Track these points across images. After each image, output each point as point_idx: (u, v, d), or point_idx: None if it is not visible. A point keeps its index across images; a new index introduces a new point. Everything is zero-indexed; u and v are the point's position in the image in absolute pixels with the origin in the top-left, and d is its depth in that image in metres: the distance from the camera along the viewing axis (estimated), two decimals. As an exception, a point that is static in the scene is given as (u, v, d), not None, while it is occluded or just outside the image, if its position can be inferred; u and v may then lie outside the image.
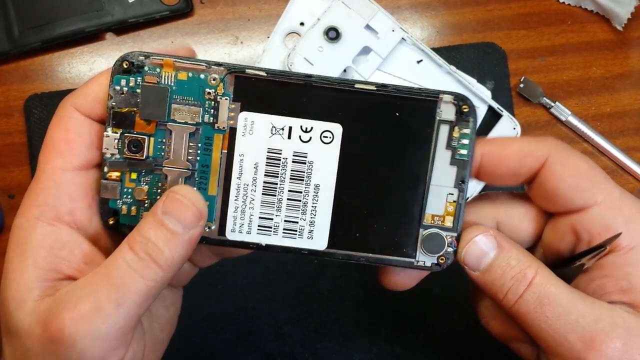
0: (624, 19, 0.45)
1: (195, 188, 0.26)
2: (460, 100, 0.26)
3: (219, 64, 0.25)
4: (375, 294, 0.41)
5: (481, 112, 0.43)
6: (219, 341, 0.41)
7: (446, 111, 0.26)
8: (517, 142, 0.26)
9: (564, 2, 0.46)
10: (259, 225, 0.26)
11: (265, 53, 0.43)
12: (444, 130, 0.26)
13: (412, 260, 0.26)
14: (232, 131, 0.26)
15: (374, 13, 0.42)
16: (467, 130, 0.26)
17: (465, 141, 0.26)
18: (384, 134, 0.26)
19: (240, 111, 0.25)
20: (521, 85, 0.44)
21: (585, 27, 0.46)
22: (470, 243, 0.25)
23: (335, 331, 0.41)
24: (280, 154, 0.26)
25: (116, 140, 0.25)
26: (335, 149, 0.26)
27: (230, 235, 0.26)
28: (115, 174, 0.26)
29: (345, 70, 0.42)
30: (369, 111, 0.26)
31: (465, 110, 0.26)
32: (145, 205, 0.26)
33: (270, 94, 0.25)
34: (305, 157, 0.26)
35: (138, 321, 0.24)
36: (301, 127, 0.26)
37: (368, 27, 0.42)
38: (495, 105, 0.43)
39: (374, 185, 0.26)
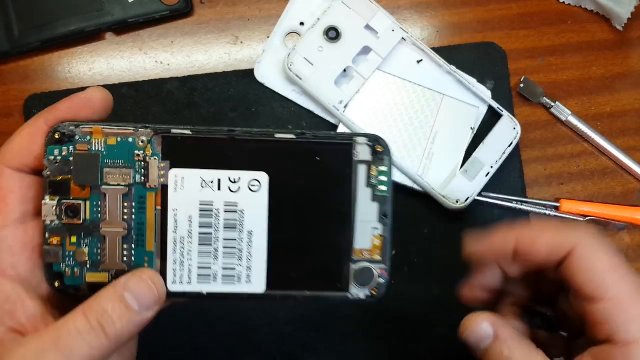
0: (624, 19, 0.45)
1: (155, 271, 0.27)
2: (374, 141, 0.27)
3: (145, 127, 0.27)
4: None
5: (481, 112, 0.43)
6: (219, 341, 0.41)
7: (362, 152, 0.27)
8: (549, 232, 0.28)
9: (564, 2, 0.46)
10: (198, 275, 0.27)
11: (265, 53, 0.43)
12: (362, 170, 0.27)
13: (347, 294, 0.28)
14: (164, 188, 0.27)
15: (374, 13, 0.42)
16: (383, 168, 0.28)
17: (383, 178, 0.28)
18: (309, 178, 0.27)
19: (170, 168, 0.27)
20: (521, 85, 0.44)
21: (586, 27, 0.46)
22: (473, 328, 0.28)
23: (335, 331, 0.41)
24: (212, 205, 0.27)
25: (54, 207, 0.26)
26: (263, 196, 0.27)
27: (172, 287, 0.27)
28: (56, 240, 0.26)
29: (345, 70, 0.42)
30: (292, 158, 0.27)
31: (379, 150, 0.27)
32: (88, 266, 0.27)
33: (197, 149, 0.27)
34: (236, 206, 0.27)
35: None
36: (229, 178, 0.27)
37: (368, 27, 0.42)
38: (495, 105, 0.42)
39: (305, 226, 0.28)
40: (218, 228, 0.27)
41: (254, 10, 0.45)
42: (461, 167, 0.42)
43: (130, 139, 0.27)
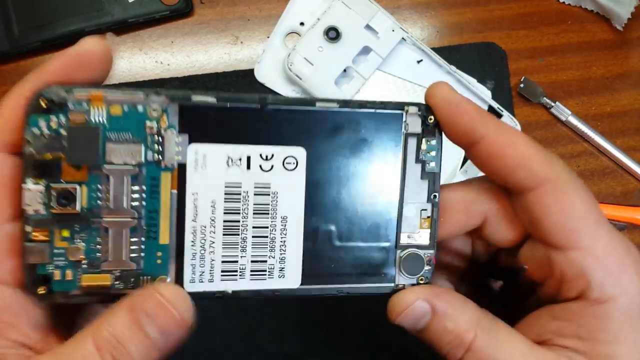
0: (624, 19, 0.45)
1: (177, 287, 0.22)
2: (425, 111, 0.24)
3: (158, 92, 0.22)
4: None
5: (481, 112, 0.43)
6: (219, 341, 0.41)
7: (413, 123, 0.24)
8: (522, 142, 0.23)
9: (564, 2, 0.46)
10: (222, 271, 0.23)
11: (266, 53, 0.43)
12: (412, 143, 0.24)
13: (392, 284, 0.25)
14: (182, 167, 0.22)
15: (374, 13, 0.42)
16: (434, 142, 0.24)
17: (434, 153, 0.25)
18: (351, 153, 0.24)
19: (189, 143, 0.22)
20: (521, 85, 0.44)
21: (586, 27, 0.46)
22: (407, 310, 0.24)
23: (335, 331, 0.41)
24: (240, 187, 0.23)
25: (40, 194, 0.21)
26: (300, 175, 0.23)
27: (189, 287, 0.23)
28: (41, 234, 0.21)
29: (345, 70, 0.42)
30: (333, 130, 0.24)
31: (431, 120, 0.24)
32: (84, 266, 0.22)
33: (222, 121, 0.23)
34: (269, 187, 0.23)
35: None
36: (261, 155, 0.23)
37: (368, 27, 0.42)
38: (495, 105, 0.42)
39: (345, 209, 0.24)
40: (247, 214, 0.23)
41: (254, 10, 0.45)
42: (461, 167, 0.42)
43: (140, 108, 0.22)
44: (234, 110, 0.23)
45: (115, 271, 0.22)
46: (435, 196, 0.25)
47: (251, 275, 0.23)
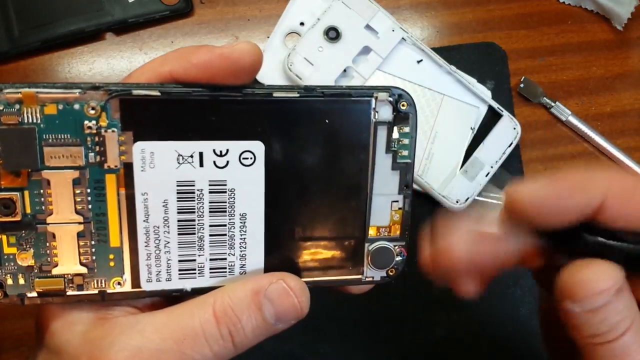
0: (624, 19, 0.45)
1: (300, 280, 0.22)
2: (397, 97, 0.22)
3: (95, 87, 0.20)
4: (375, 294, 0.41)
5: (481, 112, 0.43)
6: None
7: (382, 111, 0.22)
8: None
9: (564, 2, 0.46)
10: (179, 269, 0.23)
11: (266, 53, 0.43)
12: (381, 132, 0.23)
13: (360, 277, 0.24)
14: (128, 167, 0.21)
15: (374, 13, 0.42)
16: (407, 129, 0.23)
17: (406, 141, 0.23)
18: (315, 145, 0.22)
19: (134, 142, 0.21)
20: (521, 85, 0.44)
21: (586, 27, 0.46)
22: (592, 277, 0.20)
23: (335, 331, 0.41)
24: (194, 185, 0.22)
25: None
26: (258, 170, 0.22)
27: (146, 286, 0.22)
28: None
29: (345, 71, 0.42)
30: (294, 122, 0.22)
31: (403, 107, 0.22)
32: (35, 270, 0.21)
33: (169, 116, 0.21)
34: (225, 184, 0.22)
35: None
36: (214, 151, 0.22)
37: (368, 27, 0.42)
38: (495, 105, 0.42)
39: (310, 203, 0.23)
40: (202, 212, 0.22)
41: (254, 10, 0.45)
42: (461, 167, 0.42)
43: (77, 106, 0.20)
44: (182, 103, 0.21)
45: (67, 276, 0.22)
46: (407, 186, 0.23)
47: (211, 272, 0.23)
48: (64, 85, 0.20)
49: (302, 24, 0.43)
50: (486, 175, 0.41)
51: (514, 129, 0.42)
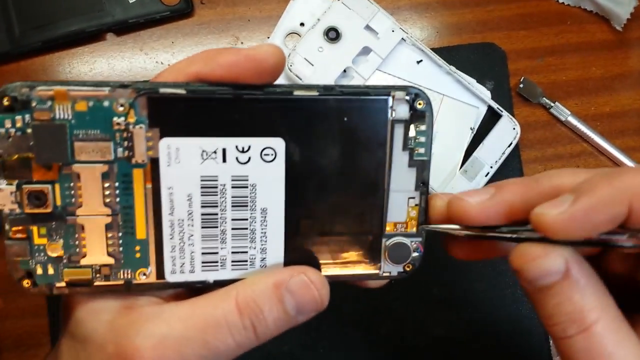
0: (623, 19, 0.45)
1: (321, 274, 0.23)
2: (413, 96, 0.23)
3: (124, 86, 0.21)
4: (375, 294, 0.41)
5: (481, 112, 0.43)
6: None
7: (399, 109, 0.23)
8: None
9: (563, 3, 0.46)
10: (202, 262, 0.23)
11: (266, 53, 0.43)
12: (398, 130, 0.23)
13: (377, 271, 0.25)
14: (155, 162, 0.22)
15: (373, 13, 0.42)
16: (423, 127, 0.23)
17: (423, 139, 0.24)
18: (333, 143, 0.23)
19: (161, 138, 0.22)
20: (521, 86, 0.45)
21: (585, 27, 0.46)
22: (539, 260, 0.20)
23: (335, 331, 0.41)
24: (217, 180, 0.23)
25: (12, 194, 0.21)
26: (279, 166, 0.23)
27: (170, 278, 0.23)
28: (19, 233, 0.22)
29: (345, 71, 0.42)
30: (313, 119, 0.23)
31: (419, 105, 0.23)
32: (65, 261, 0.22)
33: (194, 113, 0.22)
34: (246, 180, 0.23)
35: None
36: (237, 147, 0.22)
37: (368, 27, 0.42)
38: (495, 105, 0.43)
39: (328, 199, 0.24)
40: (225, 207, 0.23)
41: (254, 10, 0.45)
42: (461, 167, 0.42)
43: (106, 103, 0.21)
44: (206, 101, 0.22)
45: (95, 266, 0.23)
46: (423, 183, 0.24)
47: (232, 265, 0.24)
48: (94, 83, 0.21)
49: (302, 24, 0.43)
50: (486, 176, 0.42)
51: (514, 129, 0.42)
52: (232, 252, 0.24)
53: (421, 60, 0.43)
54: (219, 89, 0.22)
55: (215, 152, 0.22)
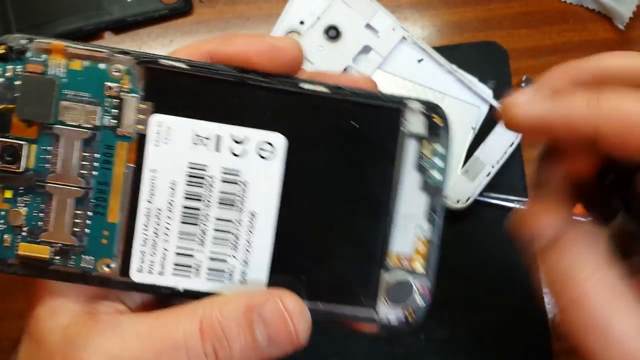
0: (625, 18, 0.45)
1: (302, 302, 0.20)
2: (431, 110, 0.21)
3: (125, 52, 0.20)
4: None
5: (482, 111, 0.43)
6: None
7: (414, 122, 0.21)
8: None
9: (565, 1, 0.46)
10: (175, 264, 0.21)
11: (265, 52, 0.43)
12: (411, 146, 0.21)
13: (372, 312, 0.21)
14: (142, 139, 0.20)
15: (374, 12, 0.42)
16: (440, 148, 0.21)
17: (439, 161, 0.21)
18: (339, 148, 0.21)
19: (153, 113, 0.20)
20: (523, 85, 0.44)
21: (587, 26, 0.46)
22: (534, 222, 0.19)
23: (335, 331, 0.41)
24: (205, 170, 0.20)
25: None
26: (276, 166, 0.20)
27: (135, 277, 0.20)
28: None
29: (345, 70, 0.41)
30: (320, 119, 0.21)
31: (437, 122, 0.21)
32: (23, 233, 0.20)
33: (193, 92, 0.20)
34: (238, 175, 0.20)
35: None
36: (232, 136, 0.20)
37: (368, 26, 0.42)
38: (496, 104, 0.42)
39: (326, 213, 0.21)
40: (210, 202, 0.20)
41: (254, 9, 0.45)
42: (462, 167, 0.42)
43: (102, 66, 0.20)
44: (207, 80, 0.20)
45: (55, 244, 0.20)
46: (435, 211, 0.21)
47: (208, 274, 0.21)
48: (94, 45, 0.20)
49: (302, 22, 0.43)
50: (487, 175, 0.41)
51: (515, 128, 0.42)
52: (210, 259, 0.21)
53: (422, 59, 0.43)
54: (223, 68, 0.20)
55: (208, 137, 0.20)
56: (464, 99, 0.42)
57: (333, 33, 0.41)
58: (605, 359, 0.18)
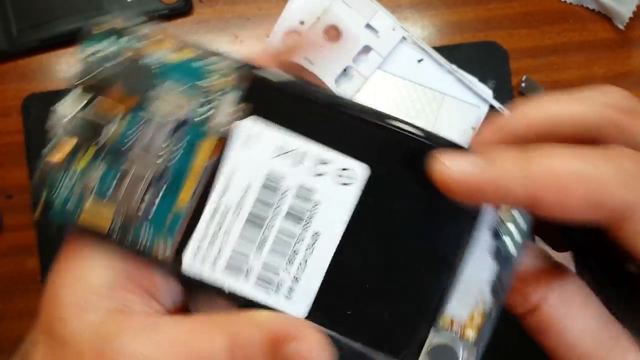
0: (625, 18, 0.45)
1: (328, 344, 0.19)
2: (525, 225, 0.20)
3: (240, 65, 0.21)
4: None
5: (482, 111, 0.43)
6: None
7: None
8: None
9: (565, 1, 0.46)
10: (227, 262, 0.20)
11: (266, 52, 0.43)
12: (491, 210, 0.20)
13: None
14: (229, 138, 0.21)
15: (374, 12, 0.42)
16: (521, 220, 0.20)
17: (516, 232, 0.20)
18: (418, 193, 0.20)
19: (248, 115, 0.20)
20: (523, 85, 0.44)
21: (587, 26, 0.46)
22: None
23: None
24: (282, 182, 0.20)
25: (79, 97, 0.21)
26: (352, 194, 0.20)
27: (186, 261, 0.20)
28: (59, 154, 0.20)
29: (345, 70, 0.41)
30: (408, 160, 0.20)
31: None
32: (90, 197, 0.20)
33: (289, 105, 0.20)
34: (311, 193, 0.20)
35: None
36: (318, 156, 0.20)
37: (368, 26, 0.42)
38: (496, 104, 0.42)
39: (388, 253, 0.20)
40: (277, 213, 0.20)
41: (254, 9, 0.45)
42: (462, 166, 0.42)
43: (210, 61, 0.21)
44: (308, 97, 0.20)
45: (118, 215, 0.20)
46: (499, 282, 0.20)
47: (256, 281, 0.20)
48: (204, 45, 0.21)
49: (302, 22, 0.43)
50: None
51: (515, 128, 0.42)
52: (263, 267, 0.20)
53: (422, 59, 0.43)
54: (324, 90, 0.21)
55: (293, 152, 0.20)
56: (464, 99, 0.42)
57: (333, 33, 0.41)
58: None
